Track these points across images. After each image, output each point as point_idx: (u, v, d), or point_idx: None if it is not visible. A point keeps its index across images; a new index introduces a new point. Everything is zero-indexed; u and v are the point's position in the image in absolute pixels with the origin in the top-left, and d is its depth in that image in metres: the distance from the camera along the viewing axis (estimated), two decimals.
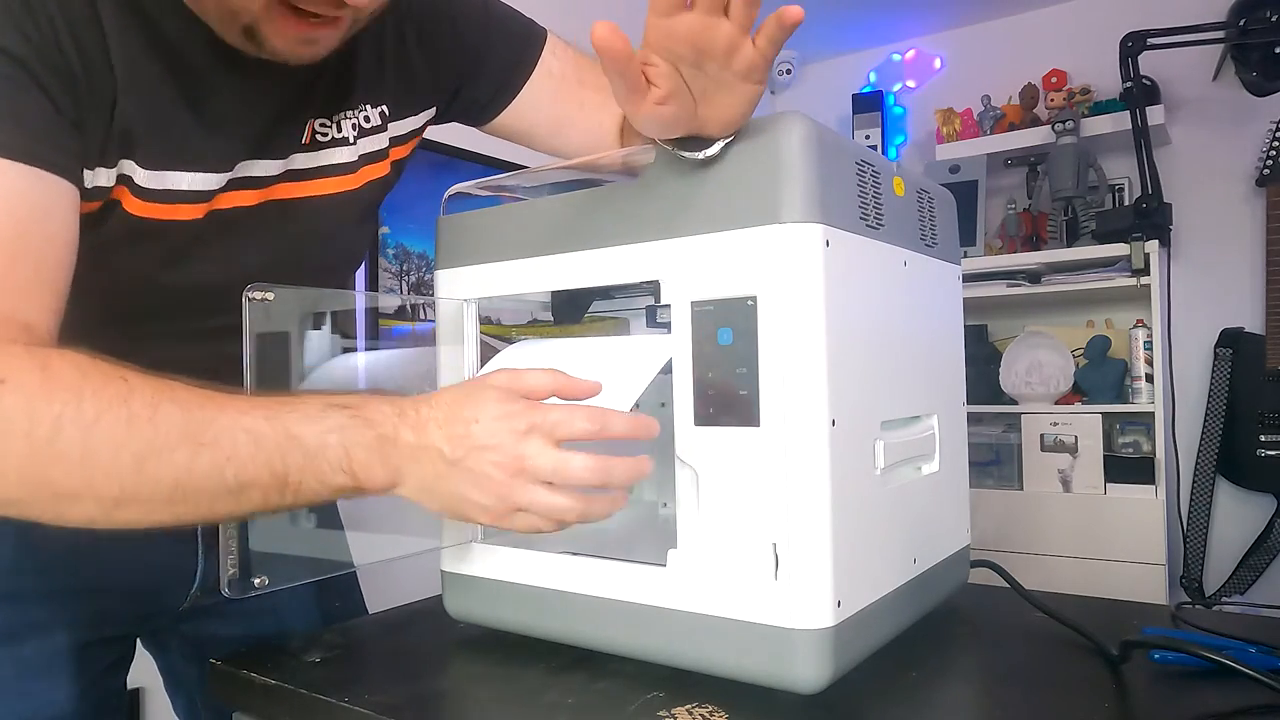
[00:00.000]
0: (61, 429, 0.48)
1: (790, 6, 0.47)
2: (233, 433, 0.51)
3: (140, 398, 0.50)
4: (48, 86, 0.55)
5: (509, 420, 0.55)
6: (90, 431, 0.48)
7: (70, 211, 0.57)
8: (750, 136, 0.58)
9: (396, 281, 2.05)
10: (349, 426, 0.54)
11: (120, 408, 0.49)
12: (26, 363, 0.49)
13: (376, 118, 0.77)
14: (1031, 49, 2.90)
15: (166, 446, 0.50)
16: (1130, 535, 2.34)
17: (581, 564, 0.67)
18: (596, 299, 0.83)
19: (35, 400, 0.48)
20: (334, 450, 0.54)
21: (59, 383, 0.49)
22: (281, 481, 0.53)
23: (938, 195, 0.78)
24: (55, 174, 0.55)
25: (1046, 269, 2.58)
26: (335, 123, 0.74)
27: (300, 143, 0.72)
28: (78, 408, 0.48)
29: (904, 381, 0.69)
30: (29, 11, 0.54)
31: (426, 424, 0.56)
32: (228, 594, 0.62)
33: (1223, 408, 2.48)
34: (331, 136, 0.74)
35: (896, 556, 0.67)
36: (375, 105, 0.77)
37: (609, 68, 0.50)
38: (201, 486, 0.51)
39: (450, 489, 0.56)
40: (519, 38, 0.86)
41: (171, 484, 0.50)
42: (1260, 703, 0.58)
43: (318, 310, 0.75)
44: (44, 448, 0.48)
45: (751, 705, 0.59)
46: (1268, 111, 2.48)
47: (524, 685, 0.65)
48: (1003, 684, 0.66)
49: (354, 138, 0.75)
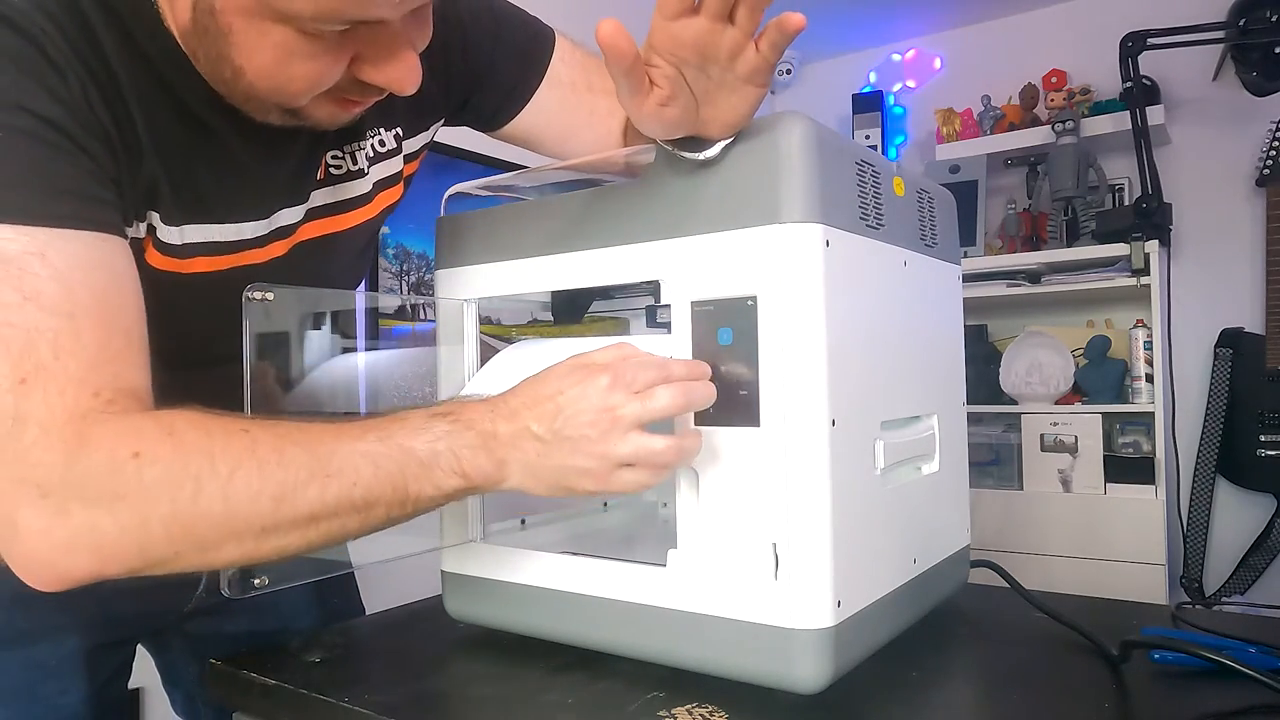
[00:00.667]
0: (201, 489, 0.51)
1: (793, 14, 0.48)
2: (353, 459, 0.54)
3: (265, 445, 0.53)
4: (86, 145, 0.55)
5: (588, 383, 0.57)
6: (227, 487, 0.51)
7: (132, 266, 0.58)
8: (750, 137, 0.58)
9: (396, 281, 2.05)
10: (453, 432, 0.57)
11: (249, 459, 0.52)
12: (154, 432, 0.51)
13: (391, 140, 0.77)
14: (1031, 49, 2.90)
15: (299, 483, 0.53)
16: (1130, 535, 2.33)
17: (581, 564, 0.67)
18: (596, 299, 0.83)
19: (172, 468, 0.51)
20: (445, 456, 0.56)
21: (190, 446, 0.52)
22: (403, 494, 0.56)
23: (938, 195, 0.78)
24: (112, 234, 0.56)
25: (1046, 269, 2.58)
26: (348, 154, 0.73)
27: (316, 179, 0.72)
28: (212, 467, 0.51)
29: (904, 381, 0.69)
30: (55, 69, 0.54)
31: (517, 411, 0.58)
32: (228, 594, 0.62)
33: (1223, 408, 2.48)
34: (346, 169, 0.73)
35: (896, 556, 0.67)
36: (389, 128, 0.76)
37: (613, 67, 0.50)
38: (334, 512, 0.54)
39: (552, 464, 0.57)
40: (527, 47, 0.85)
41: (307, 516, 0.54)
42: (1260, 703, 0.58)
43: (318, 310, 0.75)
44: (188, 509, 0.51)
45: (751, 705, 0.59)
46: (1268, 111, 2.48)
47: (524, 685, 0.65)
48: (1003, 684, 0.66)
49: (368, 167, 0.74)
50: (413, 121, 0.79)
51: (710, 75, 0.52)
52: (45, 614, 0.74)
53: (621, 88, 0.52)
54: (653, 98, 0.53)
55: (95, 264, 0.54)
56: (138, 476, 0.50)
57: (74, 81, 0.54)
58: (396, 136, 0.77)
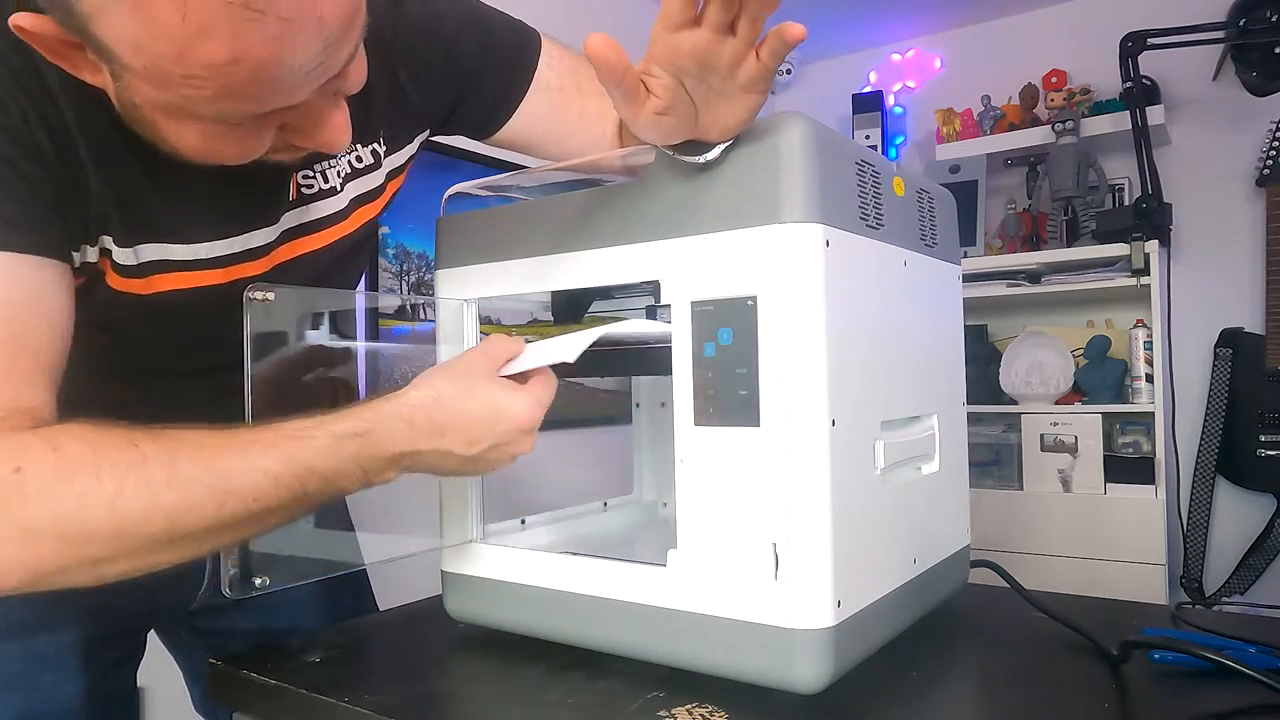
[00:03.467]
0: (86, 504, 0.50)
1: (793, 24, 0.48)
2: (252, 475, 0.55)
3: (155, 461, 0.52)
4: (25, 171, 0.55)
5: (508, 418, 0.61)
6: (115, 501, 0.51)
7: (63, 290, 0.58)
8: (750, 137, 0.58)
9: (396, 281, 2.06)
10: (362, 454, 0.58)
11: (138, 475, 0.52)
12: (38, 449, 0.51)
13: (369, 156, 0.76)
14: (1031, 49, 2.90)
15: (195, 502, 0.53)
16: (1130, 535, 2.33)
17: (581, 564, 0.67)
18: (596, 299, 0.83)
19: (55, 483, 0.50)
20: (351, 474, 0.58)
21: (74, 461, 0.51)
22: (303, 503, 0.57)
23: (938, 195, 0.78)
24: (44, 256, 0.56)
25: (1046, 269, 2.58)
26: (319, 173, 0.73)
27: (288, 200, 0.71)
28: (98, 482, 0.51)
29: (904, 381, 0.69)
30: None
31: (444, 431, 0.60)
32: (228, 594, 0.62)
33: (1223, 408, 2.48)
34: (318, 188, 0.73)
35: (896, 556, 0.67)
36: (367, 144, 0.76)
37: (605, 80, 0.50)
38: (229, 525, 0.55)
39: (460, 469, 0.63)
40: (514, 55, 0.84)
41: (203, 530, 0.54)
42: (1260, 703, 0.58)
43: (317, 310, 0.75)
44: (74, 527, 0.51)
45: (751, 705, 0.59)
46: (1268, 111, 2.48)
47: (524, 685, 0.65)
48: (1003, 684, 0.66)
49: (340, 185, 0.74)
50: (396, 134, 0.79)
51: (710, 84, 0.52)
52: (44, 606, 0.75)
53: (616, 97, 0.52)
54: (650, 106, 0.53)
55: (17, 284, 0.54)
56: (19, 491, 0.49)
57: (13, 106, 0.55)
58: (374, 153, 0.76)
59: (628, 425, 1.02)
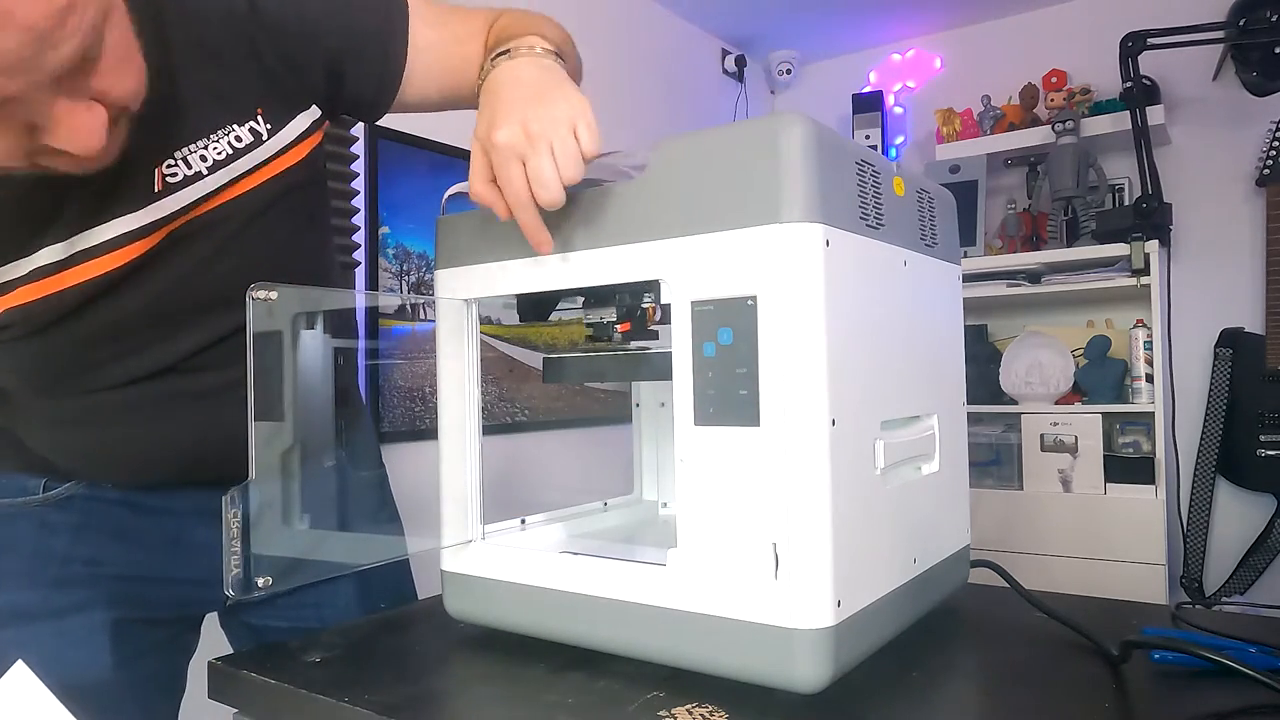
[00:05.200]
0: None
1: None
2: None
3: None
4: None
5: None
6: None
7: None
8: (750, 137, 0.58)
9: (396, 281, 2.05)
10: None
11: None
12: None
13: (248, 135, 0.75)
14: (1031, 49, 2.90)
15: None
16: (1130, 535, 2.34)
17: (581, 564, 0.67)
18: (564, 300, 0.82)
19: None
20: None
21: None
22: None
23: (938, 195, 0.78)
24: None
25: (1046, 269, 2.58)
26: (180, 160, 0.72)
27: (153, 191, 0.71)
28: None
29: (904, 381, 0.69)
30: None
31: None
32: (230, 594, 0.62)
33: (1223, 408, 2.48)
34: (182, 175, 0.72)
35: (896, 556, 0.67)
36: (243, 123, 0.75)
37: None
38: None
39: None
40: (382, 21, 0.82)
41: None
42: (1260, 703, 0.58)
43: (317, 310, 0.75)
44: None
45: (751, 705, 0.59)
46: (1268, 111, 2.48)
47: (524, 685, 0.65)
48: (1003, 684, 0.66)
49: (207, 170, 0.73)
50: (274, 113, 0.77)
51: None
52: (77, 593, 0.79)
53: None
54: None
55: None
56: None
57: None
58: (253, 130, 0.76)
59: (628, 425, 1.02)
